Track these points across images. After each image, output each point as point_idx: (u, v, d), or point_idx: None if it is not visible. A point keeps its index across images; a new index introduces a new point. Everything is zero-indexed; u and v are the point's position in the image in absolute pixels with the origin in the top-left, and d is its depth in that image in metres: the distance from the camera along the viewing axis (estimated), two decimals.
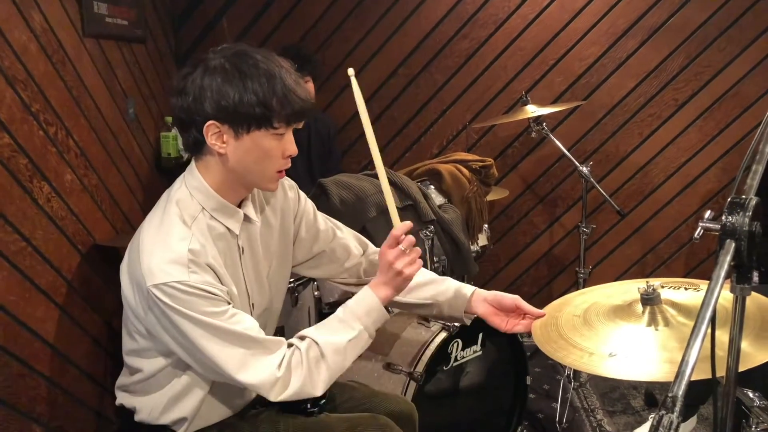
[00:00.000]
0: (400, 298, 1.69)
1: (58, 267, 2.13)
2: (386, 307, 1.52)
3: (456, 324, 2.10)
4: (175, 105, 1.37)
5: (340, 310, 1.49)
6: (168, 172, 3.06)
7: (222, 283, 1.37)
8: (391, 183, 2.43)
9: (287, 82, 1.33)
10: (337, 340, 1.43)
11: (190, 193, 1.41)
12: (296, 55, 2.58)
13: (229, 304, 1.36)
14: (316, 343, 1.42)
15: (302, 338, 1.44)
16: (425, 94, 3.50)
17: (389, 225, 2.34)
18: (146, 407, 1.49)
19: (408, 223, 1.51)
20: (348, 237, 1.74)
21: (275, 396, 1.36)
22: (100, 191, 2.45)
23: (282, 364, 1.37)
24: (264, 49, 1.38)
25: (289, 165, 1.44)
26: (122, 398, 1.55)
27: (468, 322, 1.72)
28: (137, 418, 1.51)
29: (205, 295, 1.30)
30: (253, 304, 1.53)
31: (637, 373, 1.24)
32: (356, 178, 2.43)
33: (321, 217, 1.71)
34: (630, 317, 1.35)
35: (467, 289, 1.68)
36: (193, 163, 1.44)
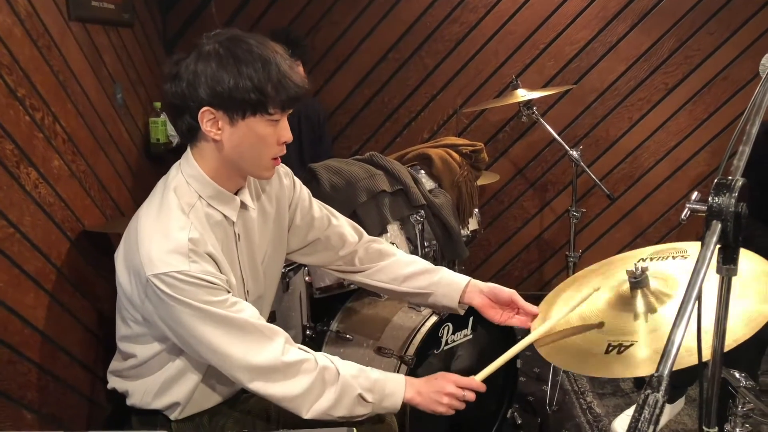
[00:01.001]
0: (394, 286, 1.71)
1: (47, 253, 2.12)
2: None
3: None
4: (168, 91, 1.35)
5: (372, 370, 1.46)
6: (157, 157, 3.04)
7: (221, 272, 1.37)
8: (381, 168, 2.43)
9: (282, 68, 1.32)
10: (354, 384, 1.41)
11: (186, 181, 1.40)
12: (285, 39, 2.56)
13: (229, 292, 1.35)
14: (338, 370, 1.41)
15: (326, 357, 1.43)
16: (415, 78, 3.49)
17: (379, 210, 2.34)
18: (139, 391, 1.49)
19: (483, 386, 1.52)
20: (343, 225, 1.74)
21: (270, 382, 1.34)
22: (88, 177, 2.43)
23: (288, 355, 1.36)
24: (258, 35, 1.37)
25: (284, 152, 1.43)
26: (114, 382, 1.55)
27: (462, 312, 1.73)
28: (129, 402, 1.51)
29: (205, 285, 1.30)
30: (247, 291, 1.52)
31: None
32: (346, 163, 2.42)
33: (316, 204, 1.71)
34: (624, 307, 1.35)
35: (462, 279, 1.69)
36: (188, 150, 1.43)
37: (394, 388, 1.45)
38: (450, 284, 1.68)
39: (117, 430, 2.36)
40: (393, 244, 2.36)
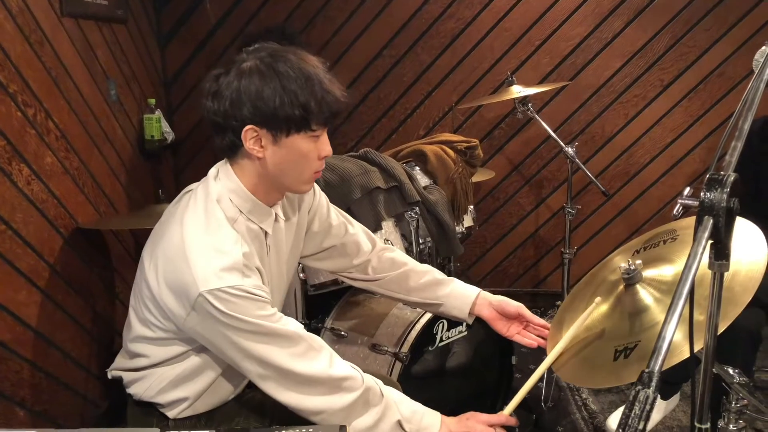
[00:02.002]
0: (405, 296, 1.73)
1: (40, 250, 2.11)
2: None
3: None
4: (209, 109, 1.33)
5: (413, 404, 1.47)
6: (152, 154, 3.03)
7: (265, 284, 1.37)
8: (376, 164, 2.42)
9: (325, 84, 1.31)
10: (395, 411, 1.41)
11: (228, 197, 1.38)
12: (280, 35, 2.55)
13: (273, 307, 1.35)
14: (382, 394, 1.41)
15: (372, 379, 1.43)
16: (411, 75, 3.47)
17: (374, 206, 2.34)
18: (144, 384, 1.47)
19: (513, 420, 1.52)
20: (359, 233, 1.74)
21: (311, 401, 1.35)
22: (82, 174, 2.42)
23: (335, 369, 1.36)
24: (296, 49, 1.36)
25: (323, 166, 1.42)
26: (117, 374, 1.53)
27: (470, 322, 1.76)
28: (131, 390, 1.50)
29: (257, 299, 1.29)
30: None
31: None
32: (341, 160, 2.41)
33: (334, 211, 1.71)
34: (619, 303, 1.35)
35: (472, 291, 1.71)
36: (227, 165, 1.40)
37: (431, 422, 1.44)
38: (460, 296, 1.70)
39: (110, 427, 2.35)
40: (387, 241, 2.36)
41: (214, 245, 1.30)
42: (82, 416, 2.36)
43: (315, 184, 1.65)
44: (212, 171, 1.43)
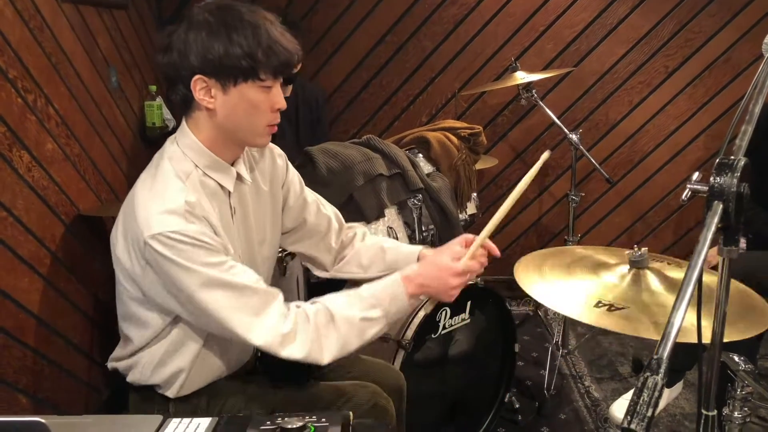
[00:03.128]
0: (362, 274, 1.71)
1: (41, 237, 2.10)
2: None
3: None
4: (160, 62, 1.36)
5: (363, 288, 1.46)
6: (153, 141, 3.01)
7: (217, 236, 1.36)
8: (379, 151, 2.41)
9: (272, 33, 1.33)
10: (351, 313, 1.40)
11: (182, 152, 1.40)
12: (282, 21, 2.50)
13: (227, 255, 1.34)
14: (328, 309, 1.40)
15: (313, 302, 1.42)
16: (414, 61, 3.45)
17: (376, 194, 2.32)
18: (138, 365, 1.48)
19: (495, 251, 1.53)
20: (330, 214, 1.73)
21: (280, 349, 1.34)
22: (83, 161, 2.40)
23: (288, 317, 1.36)
24: (249, 3, 1.37)
25: (278, 120, 1.43)
26: (115, 365, 1.54)
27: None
28: (130, 378, 1.50)
29: (203, 245, 1.29)
30: None
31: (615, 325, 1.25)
32: (343, 146, 2.39)
33: (307, 189, 1.71)
34: (613, 272, 1.36)
35: (415, 249, 1.68)
36: (183, 122, 1.43)
37: (395, 293, 1.44)
38: (405, 259, 1.67)
39: (114, 414, 2.36)
40: (390, 228, 2.35)
41: (156, 194, 1.33)
42: (85, 403, 2.37)
43: (289, 162, 1.66)
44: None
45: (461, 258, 1.49)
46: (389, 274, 1.55)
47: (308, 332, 1.36)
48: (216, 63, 1.30)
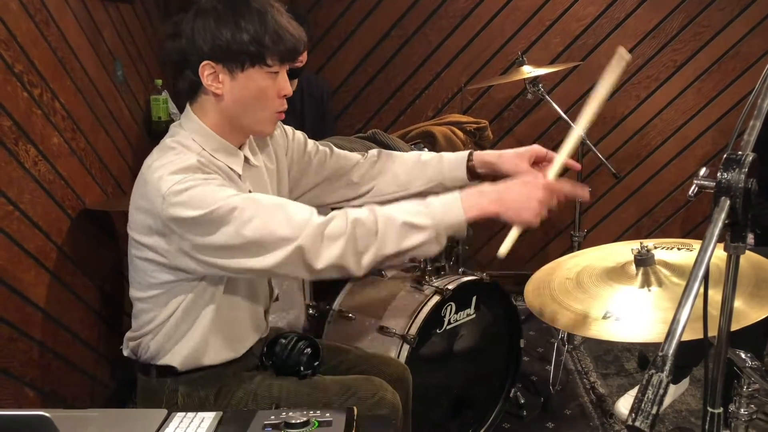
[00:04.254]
0: (403, 192, 1.62)
1: (47, 231, 2.11)
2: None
3: (449, 287, 2.09)
4: (168, 49, 1.38)
5: (410, 204, 1.33)
6: (159, 135, 2.99)
7: None
8: (384, 145, 2.40)
9: (279, 20, 1.35)
10: (394, 214, 1.29)
11: (189, 136, 1.40)
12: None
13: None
14: (372, 208, 1.31)
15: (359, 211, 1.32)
16: (420, 55, 3.44)
17: None
18: (145, 346, 1.48)
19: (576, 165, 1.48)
20: (341, 152, 1.70)
21: (312, 253, 1.25)
22: (89, 155, 2.41)
23: (318, 218, 1.28)
24: None
25: (285, 106, 1.43)
26: (129, 344, 1.53)
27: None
28: (142, 355, 1.50)
29: (215, 181, 1.29)
30: None
31: (631, 335, 1.24)
32: (348, 141, 2.39)
33: (312, 141, 1.69)
34: (623, 279, 1.34)
35: (462, 154, 1.62)
36: (188, 108, 1.43)
37: (447, 201, 1.31)
38: (455, 162, 1.61)
39: (120, 408, 2.37)
40: None
41: (167, 161, 1.32)
42: (91, 396, 2.38)
43: (289, 128, 1.65)
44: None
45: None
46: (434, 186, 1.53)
47: (343, 239, 1.26)
48: (224, 48, 1.32)
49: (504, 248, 1.33)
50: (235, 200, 1.27)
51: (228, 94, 1.37)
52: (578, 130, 1.44)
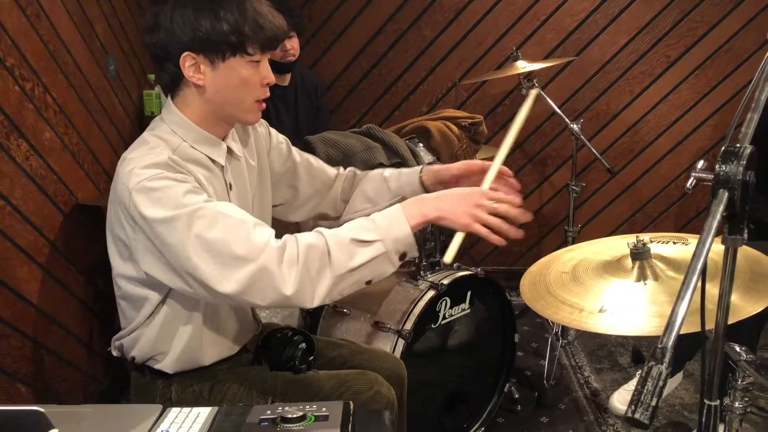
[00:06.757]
0: (371, 207, 1.63)
1: (40, 227, 2.09)
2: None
3: (444, 282, 2.09)
4: (149, 42, 1.37)
5: (355, 222, 1.34)
6: None
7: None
8: (379, 140, 2.39)
9: (258, 8, 1.35)
10: (342, 233, 1.30)
11: (170, 129, 1.39)
12: (281, 10, 2.50)
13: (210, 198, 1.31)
14: (320, 231, 1.31)
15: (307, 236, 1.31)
16: (414, 50, 3.43)
17: None
18: (137, 344, 1.47)
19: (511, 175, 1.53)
20: (322, 165, 1.72)
21: (276, 263, 1.24)
22: (81, 150, 2.39)
23: (278, 244, 1.26)
24: None
25: (267, 95, 1.43)
26: (118, 343, 1.53)
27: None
28: (133, 353, 1.49)
29: (184, 185, 1.27)
30: None
31: (627, 328, 1.24)
32: (343, 136, 2.38)
33: (295, 150, 1.69)
34: (619, 272, 1.34)
35: (415, 169, 1.64)
36: (169, 101, 1.42)
37: (390, 213, 1.32)
38: (407, 177, 1.63)
39: (113, 403, 2.35)
40: None
41: (140, 154, 1.32)
42: (84, 393, 2.36)
43: (273, 130, 1.65)
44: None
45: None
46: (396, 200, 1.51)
47: (297, 270, 1.25)
48: (204, 39, 1.31)
49: (449, 254, 1.37)
50: (201, 207, 1.25)
51: (210, 84, 1.36)
52: (504, 150, 1.52)
